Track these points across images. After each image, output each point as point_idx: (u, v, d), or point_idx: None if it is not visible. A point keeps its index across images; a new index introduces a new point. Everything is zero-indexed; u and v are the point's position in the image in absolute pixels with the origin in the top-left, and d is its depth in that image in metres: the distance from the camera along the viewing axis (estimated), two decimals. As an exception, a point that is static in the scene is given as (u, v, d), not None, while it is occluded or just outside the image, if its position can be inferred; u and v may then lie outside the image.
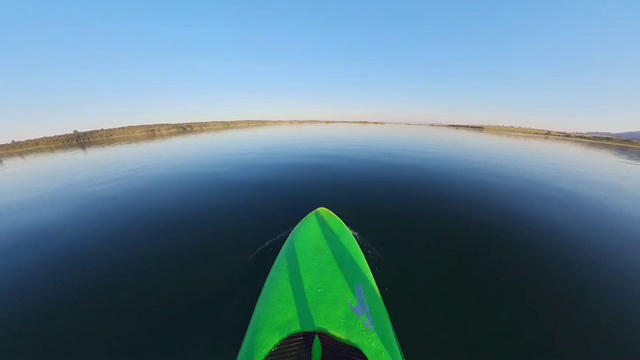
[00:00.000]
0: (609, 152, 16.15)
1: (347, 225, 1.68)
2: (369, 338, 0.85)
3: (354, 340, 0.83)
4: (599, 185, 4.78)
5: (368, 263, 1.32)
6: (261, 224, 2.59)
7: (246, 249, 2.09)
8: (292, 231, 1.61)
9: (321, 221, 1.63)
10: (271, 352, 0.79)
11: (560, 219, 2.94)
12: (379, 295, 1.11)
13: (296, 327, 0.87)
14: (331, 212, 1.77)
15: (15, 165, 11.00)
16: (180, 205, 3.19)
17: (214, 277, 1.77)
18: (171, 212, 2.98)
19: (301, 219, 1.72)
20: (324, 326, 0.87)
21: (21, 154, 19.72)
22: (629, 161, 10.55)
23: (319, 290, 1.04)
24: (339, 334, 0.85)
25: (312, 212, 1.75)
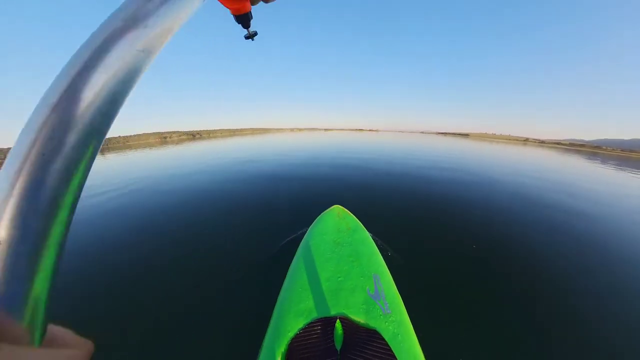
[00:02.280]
0: (605, 161, 15.71)
1: (361, 222, 1.70)
2: (386, 322, 0.87)
3: (372, 323, 0.85)
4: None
5: (382, 256, 1.34)
6: (281, 221, 2.65)
7: (269, 243, 2.16)
8: (311, 226, 1.63)
9: (337, 217, 1.66)
10: (296, 335, 0.82)
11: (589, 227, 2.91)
12: (394, 284, 1.14)
13: (319, 312, 0.89)
14: (346, 209, 1.81)
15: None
16: (202, 207, 3.32)
17: (239, 269, 1.81)
18: (194, 212, 3.13)
19: (318, 216, 1.75)
20: (345, 311, 0.89)
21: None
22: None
23: (339, 279, 1.06)
24: (359, 318, 0.87)
25: (329, 209, 1.79)
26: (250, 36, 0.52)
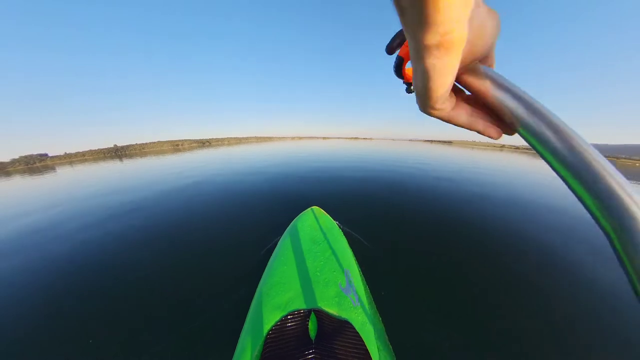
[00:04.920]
0: None
1: (336, 221, 1.77)
2: (356, 313, 0.91)
3: (344, 315, 0.89)
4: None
5: (353, 252, 1.40)
6: (264, 223, 2.64)
7: (252, 243, 2.15)
8: (291, 224, 1.66)
9: (315, 217, 1.70)
10: (272, 328, 0.82)
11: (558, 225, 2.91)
12: (363, 278, 1.18)
13: (295, 305, 0.91)
14: (323, 210, 1.87)
15: (65, 172, 11.99)
16: (190, 211, 3.25)
17: (223, 267, 1.80)
18: (181, 217, 3.07)
19: (298, 214, 1.78)
20: (319, 304, 0.92)
21: (70, 164, 20.81)
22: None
23: (314, 274, 1.08)
24: (332, 310, 0.90)
25: (308, 210, 1.84)
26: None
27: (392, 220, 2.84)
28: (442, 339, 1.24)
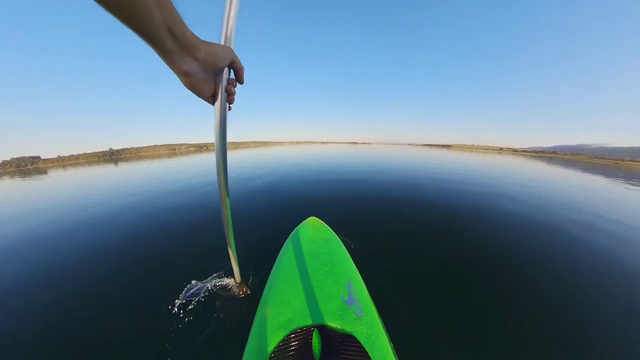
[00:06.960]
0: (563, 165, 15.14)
1: (336, 231, 1.69)
2: (360, 325, 0.86)
3: (348, 328, 0.85)
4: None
5: (354, 262, 1.34)
6: (261, 233, 2.52)
7: (250, 254, 2.06)
8: (288, 238, 1.60)
9: (313, 229, 1.64)
10: (275, 349, 0.79)
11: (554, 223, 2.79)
12: (365, 288, 1.14)
13: (298, 323, 0.87)
14: (321, 220, 1.78)
15: (59, 174, 11.22)
16: (188, 215, 3.12)
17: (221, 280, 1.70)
18: (180, 220, 2.94)
19: (295, 227, 1.71)
20: (321, 320, 0.88)
21: (63, 167, 20.19)
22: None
23: (315, 289, 1.04)
24: (335, 324, 0.86)
25: (305, 221, 1.76)
26: None
27: (393, 227, 2.73)
28: (448, 345, 1.19)
